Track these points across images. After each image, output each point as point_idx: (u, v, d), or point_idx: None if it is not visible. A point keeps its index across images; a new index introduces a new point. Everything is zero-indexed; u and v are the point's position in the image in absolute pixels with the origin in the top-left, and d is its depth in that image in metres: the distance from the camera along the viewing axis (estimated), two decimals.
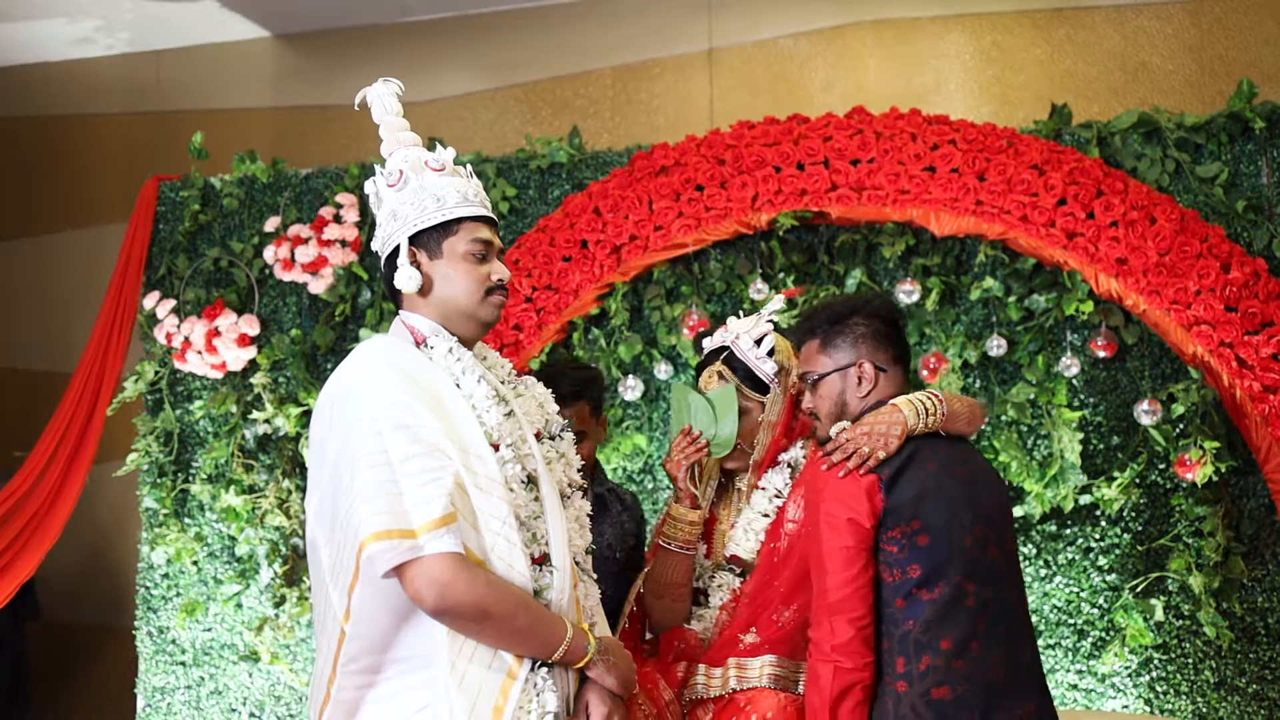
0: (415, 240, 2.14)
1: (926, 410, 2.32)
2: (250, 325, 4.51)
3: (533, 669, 1.98)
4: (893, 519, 2.24)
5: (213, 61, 5.76)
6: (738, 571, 2.64)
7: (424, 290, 2.15)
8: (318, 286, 4.46)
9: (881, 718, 2.21)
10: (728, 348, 2.71)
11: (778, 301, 2.84)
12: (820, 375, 2.44)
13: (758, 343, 2.72)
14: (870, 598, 2.23)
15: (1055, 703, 3.87)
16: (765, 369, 2.68)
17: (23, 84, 5.94)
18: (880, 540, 2.25)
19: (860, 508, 2.23)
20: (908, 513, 2.24)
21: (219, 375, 4.56)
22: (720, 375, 2.69)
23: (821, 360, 2.45)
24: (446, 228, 2.14)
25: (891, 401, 2.36)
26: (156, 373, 4.63)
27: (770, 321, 2.76)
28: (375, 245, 2.21)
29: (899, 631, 2.22)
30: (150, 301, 4.61)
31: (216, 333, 4.47)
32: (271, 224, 4.57)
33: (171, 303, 4.59)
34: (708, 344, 2.78)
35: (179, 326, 4.54)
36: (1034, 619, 3.95)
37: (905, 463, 2.28)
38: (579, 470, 2.26)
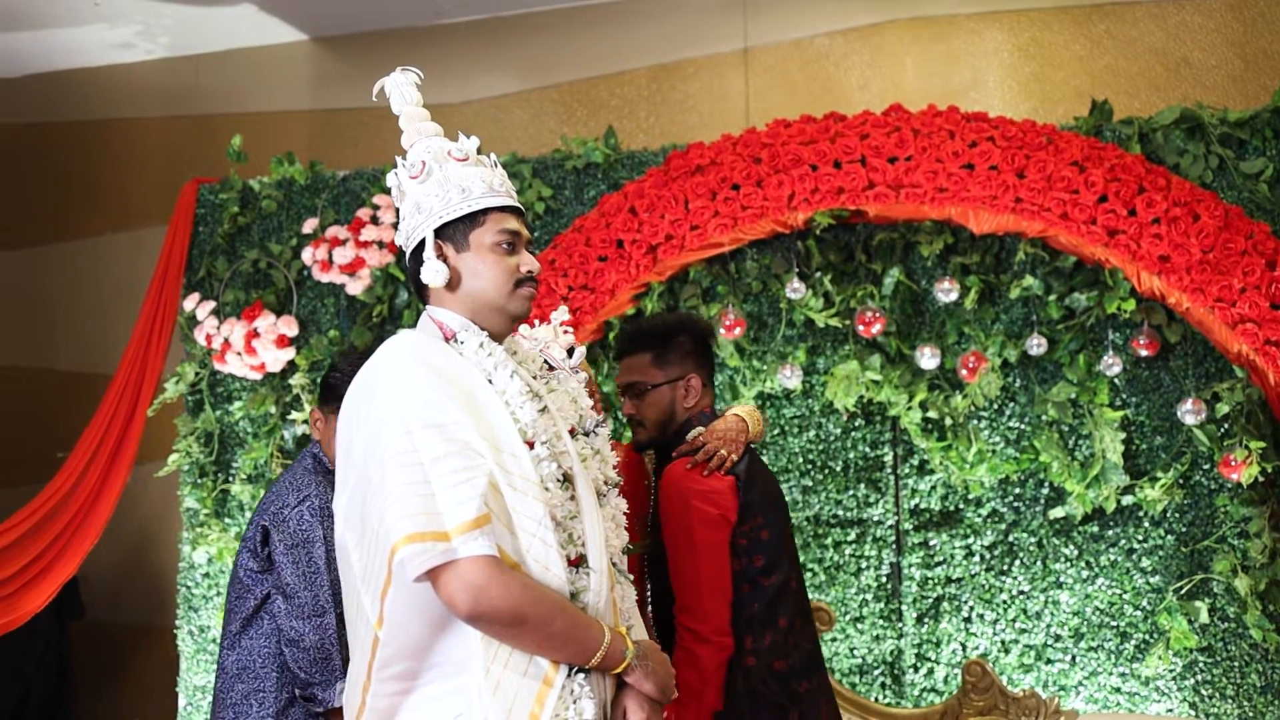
0: (441, 233, 2.07)
1: (756, 421, 2.72)
2: (289, 326, 4.53)
3: (569, 675, 1.92)
4: (746, 515, 2.59)
5: (251, 65, 5.80)
6: None
7: (451, 284, 2.08)
8: (355, 288, 4.48)
9: (732, 688, 2.54)
10: None
11: (563, 312, 2.87)
12: (653, 386, 2.74)
13: (569, 353, 2.79)
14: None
15: (1098, 706, 3.86)
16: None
17: (64, 89, 6.00)
18: (735, 534, 2.58)
19: (727, 505, 2.56)
20: (755, 510, 2.61)
21: (258, 376, 4.59)
22: None
23: (654, 372, 2.74)
24: (473, 219, 2.08)
25: (733, 412, 2.72)
26: (197, 374, 4.67)
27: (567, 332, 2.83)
28: (399, 239, 2.14)
29: (745, 613, 2.56)
30: (190, 303, 4.65)
31: (256, 334, 4.50)
32: (309, 226, 4.60)
33: (211, 304, 4.62)
34: None
35: (218, 328, 4.57)
36: (1076, 620, 3.91)
37: (748, 466, 2.64)
38: (614, 466, 2.22)
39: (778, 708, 2.56)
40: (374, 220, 4.53)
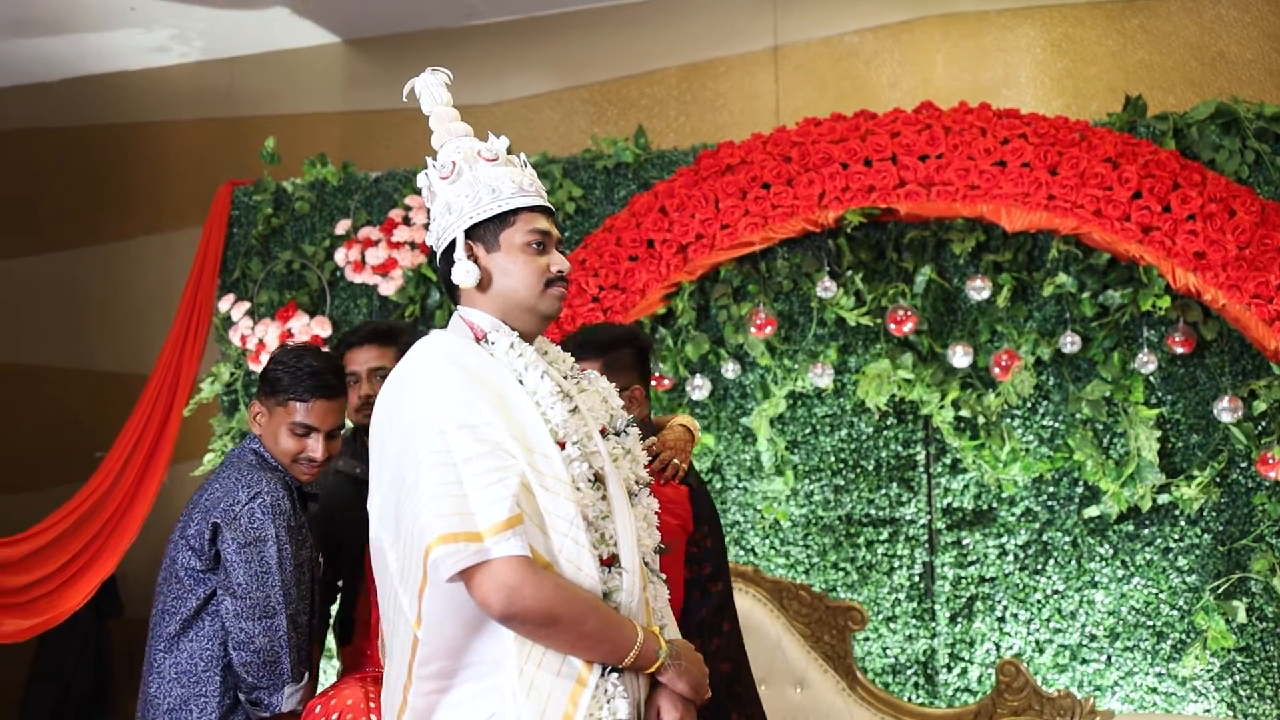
0: (471, 233, 2.07)
1: (696, 430, 2.77)
2: (322, 327, 4.56)
3: (603, 675, 1.92)
4: (696, 524, 2.63)
5: (284, 67, 5.84)
6: None
7: (482, 284, 2.08)
8: (388, 288, 4.51)
9: None
10: None
11: None
12: None
13: None
14: None
15: (1135, 706, 3.82)
16: None
17: (100, 92, 6.07)
18: (689, 542, 2.63)
19: (685, 514, 2.59)
20: (703, 519, 2.67)
21: None
22: None
23: None
24: (503, 219, 2.07)
25: (677, 421, 2.75)
26: (232, 374, 4.71)
27: None
28: (430, 240, 2.15)
29: (695, 619, 2.62)
30: (225, 304, 4.69)
31: (289, 334, 4.53)
32: (342, 227, 4.63)
33: (246, 305, 4.66)
34: None
35: (253, 328, 4.61)
36: (1112, 620, 3.88)
37: (696, 476, 2.71)
38: (645, 466, 2.22)
39: (720, 710, 2.58)
40: (406, 221, 4.56)
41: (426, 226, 4.50)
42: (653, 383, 4.21)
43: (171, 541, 2.71)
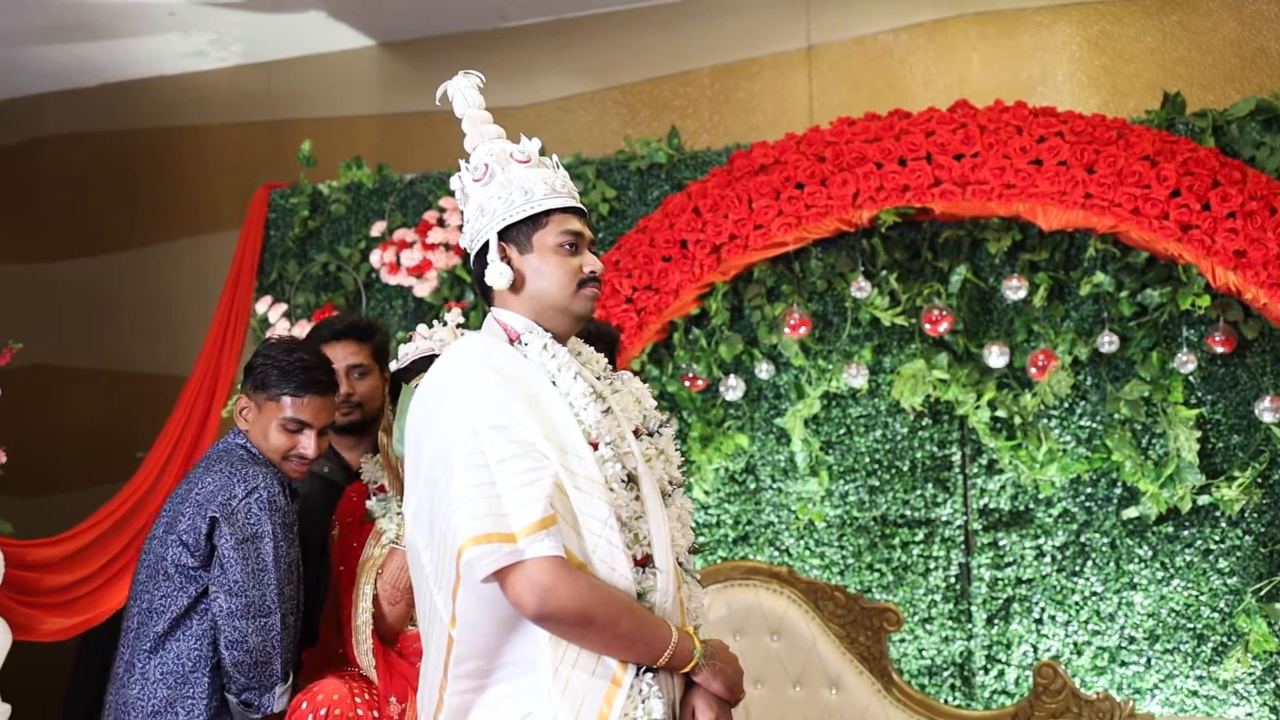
0: (504, 235, 2.08)
1: None
2: None
3: (637, 675, 1.93)
4: None
5: (320, 71, 5.88)
6: None
7: (515, 286, 2.10)
8: (423, 289, 4.53)
9: None
10: (437, 356, 2.75)
11: (457, 315, 2.84)
12: None
13: None
14: None
15: (1175, 709, 3.78)
16: None
17: (139, 97, 6.13)
18: None
19: None
20: None
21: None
22: None
23: None
24: (535, 220, 2.09)
25: None
26: None
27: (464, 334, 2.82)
28: (463, 242, 2.17)
29: None
30: (262, 306, 4.73)
31: None
32: (377, 229, 4.66)
33: (283, 307, 4.70)
34: (413, 351, 2.71)
35: (290, 330, 4.65)
36: (1151, 622, 3.85)
37: None
38: (679, 466, 2.23)
39: None
40: (440, 223, 4.58)
41: (460, 228, 4.54)
42: (686, 383, 4.21)
43: (155, 538, 2.62)
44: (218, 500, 2.53)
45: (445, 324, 2.76)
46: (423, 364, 2.71)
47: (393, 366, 2.77)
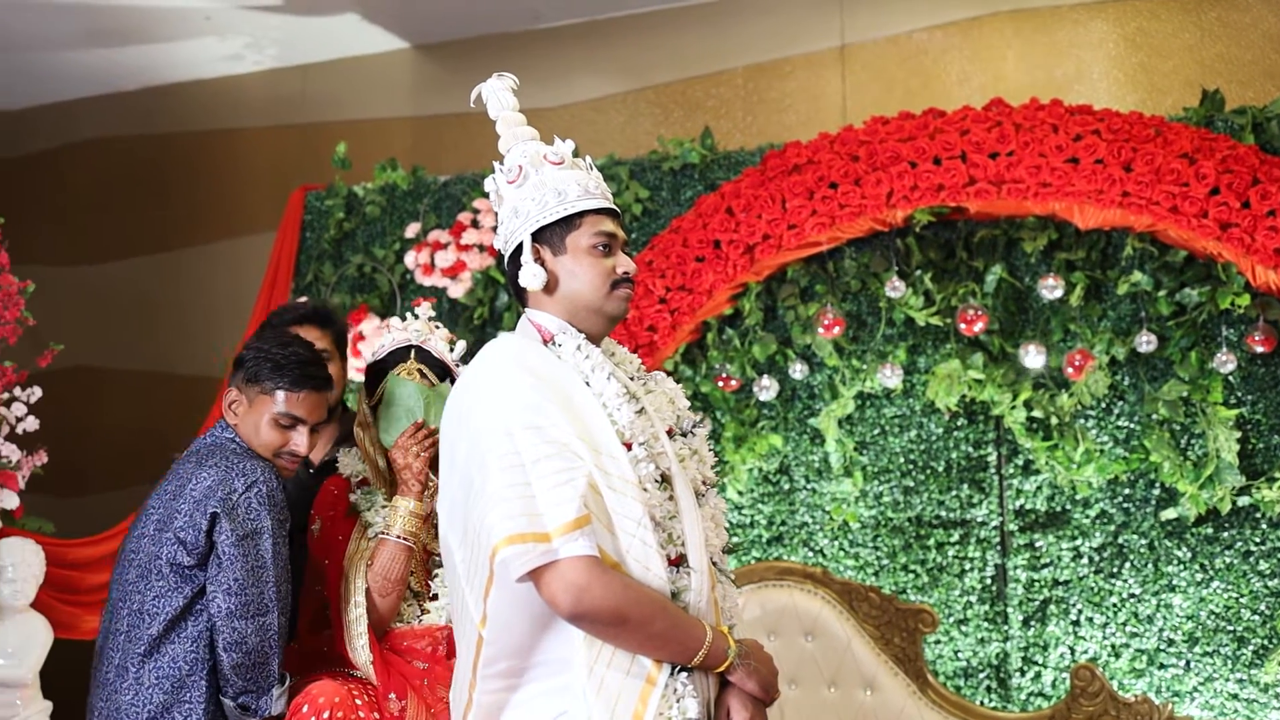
0: (538, 236, 2.10)
1: None
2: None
3: (672, 674, 1.93)
4: None
5: (354, 73, 5.92)
6: None
7: (549, 287, 2.11)
8: (457, 290, 4.55)
9: None
10: (415, 347, 2.73)
11: (428, 309, 2.85)
12: None
13: (451, 347, 2.78)
14: None
15: (1215, 713, 3.74)
16: (460, 371, 2.75)
17: (176, 101, 6.19)
18: None
19: None
20: None
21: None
22: (422, 373, 2.70)
23: None
24: (569, 222, 2.10)
25: None
26: None
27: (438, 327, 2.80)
28: (497, 244, 2.18)
29: None
30: None
31: (361, 336, 4.59)
32: (412, 230, 4.68)
33: None
34: (390, 342, 2.75)
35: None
36: (1190, 625, 3.81)
37: None
38: (712, 467, 2.23)
39: None
40: (474, 224, 4.60)
41: (495, 229, 4.56)
42: (719, 383, 4.20)
43: (145, 536, 2.50)
44: (218, 495, 2.43)
45: (418, 317, 2.78)
46: (401, 355, 2.71)
47: (369, 358, 2.78)
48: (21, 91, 6.25)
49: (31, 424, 3.78)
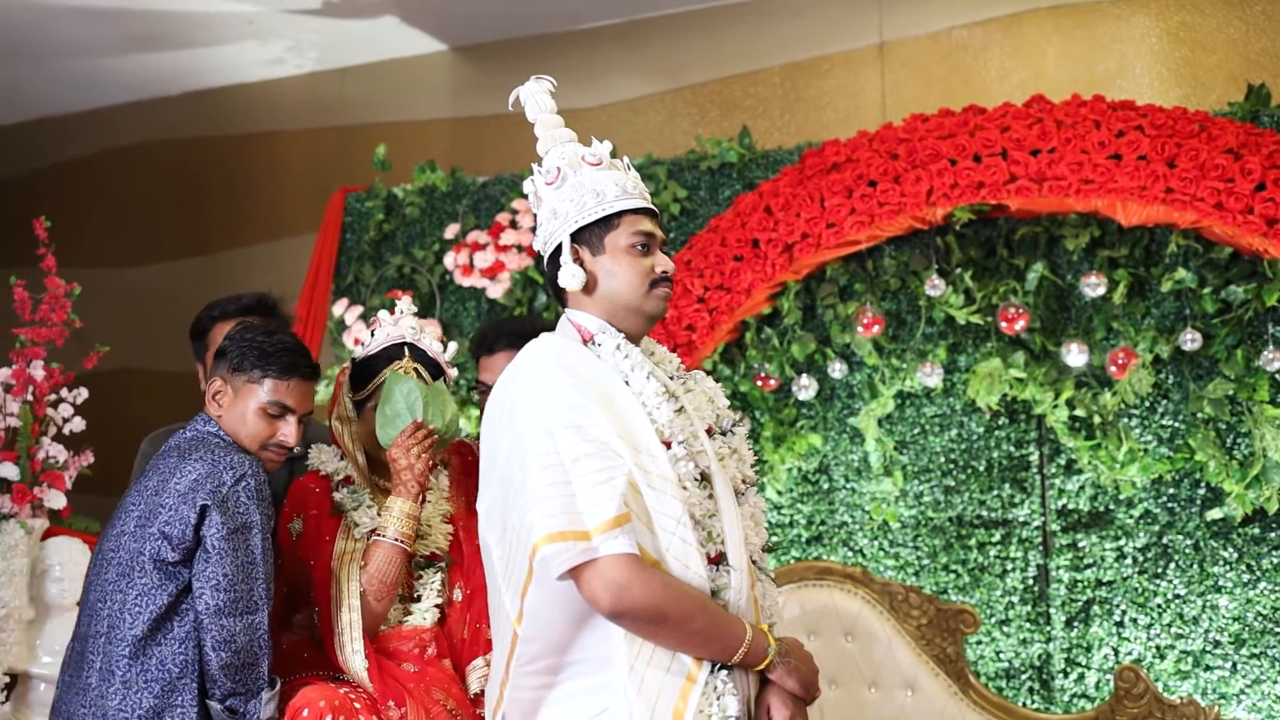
0: (577, 237, 2.12)
1: None
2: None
3: (712, 671, 1.94)
4: None
5: (394, 76, 5.96)
6: (441, 567, 2.59)
7: (588, 287, 2.12)
8: (496, 291, 4.57)
9: None
10: (409, 344, 2.70)
11: (409, 303, 2.83)
12: None
13: (444, 346, 2.77)
14: None
15: (1262, 715, 3.69)
16: (451, 372, 2.76)
17: (218, 105, 6.26)
18: None
19: None
20: None
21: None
22: (418, 371, 2.66)
23: None
24: (607, 222, 2.12)
25: None
26: None
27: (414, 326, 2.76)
28: (537, 245, 2.20)
29: None
30: (339, 308, 4.80)
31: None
32: (451, 231, 4.71)
33: (359, 309, 4.77)
34: (382, 338, 2.71)
35: (366, 332, 4.71)
36: (1237, 626, 3.77)
37: None
38: (752, 465, 2.23)
39: None
40: (513, 225, 4.62)
41: (533, 230, 4.57)
42: (758, 382, 4.19)
43: (125, 533, 2.39)
44: (206, 488, 2.33)
45: (402, 311, 2.77)
46: (395, 352, 2.68)
47: (359, 353, 2.75)
48: (63, 98, 6.33)
49: (78, 425, 3.83)
